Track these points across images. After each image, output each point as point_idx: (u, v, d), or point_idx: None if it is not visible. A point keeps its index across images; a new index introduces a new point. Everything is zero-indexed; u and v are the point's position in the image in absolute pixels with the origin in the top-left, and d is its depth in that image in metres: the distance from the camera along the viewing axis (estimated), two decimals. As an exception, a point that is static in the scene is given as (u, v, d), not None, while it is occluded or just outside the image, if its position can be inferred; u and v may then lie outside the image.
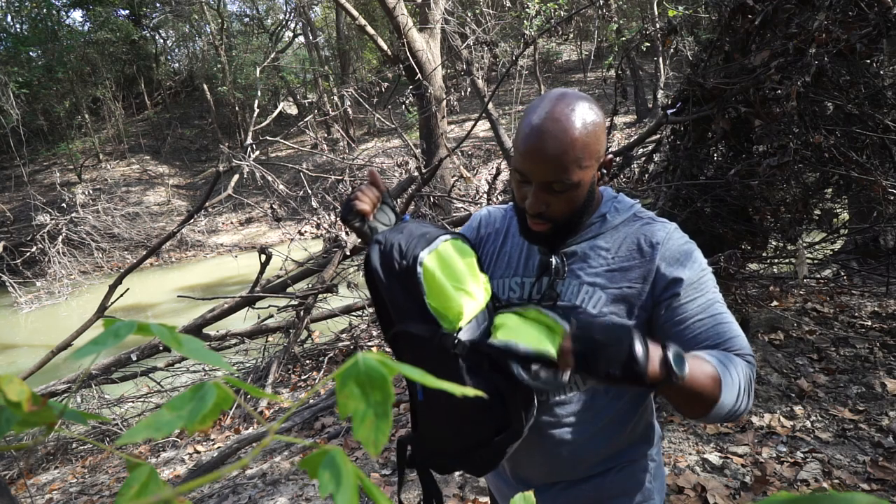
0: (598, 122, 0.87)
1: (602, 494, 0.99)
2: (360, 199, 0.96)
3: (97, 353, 0.33)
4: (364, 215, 0.95)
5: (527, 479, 1.04)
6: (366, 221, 0.95)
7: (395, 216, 1.00)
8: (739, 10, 2.79)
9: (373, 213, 0.97)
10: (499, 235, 1.06)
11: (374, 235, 0.92)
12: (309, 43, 21.87)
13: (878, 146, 2.74)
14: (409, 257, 0.85)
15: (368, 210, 0.95)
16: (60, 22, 18.91)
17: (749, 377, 0.84)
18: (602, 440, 0.97)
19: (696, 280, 0.89)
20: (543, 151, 0.84)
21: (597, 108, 0.88)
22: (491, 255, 1.05)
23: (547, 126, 0.84)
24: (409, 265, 0.85)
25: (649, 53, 15.06)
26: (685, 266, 0.89)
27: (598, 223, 0.95)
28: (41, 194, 15.57)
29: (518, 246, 1.02)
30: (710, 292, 0.90)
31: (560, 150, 0.83)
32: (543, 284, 0.94)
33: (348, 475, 0.27)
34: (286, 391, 4.11)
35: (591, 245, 0.94)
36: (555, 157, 0.83)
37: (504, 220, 1.08)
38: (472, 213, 4.36)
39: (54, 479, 3.58)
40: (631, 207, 0.97)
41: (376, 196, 0.98)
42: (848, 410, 2.48)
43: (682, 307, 0.88)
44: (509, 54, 9.46)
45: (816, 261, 3.91)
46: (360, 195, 0.96)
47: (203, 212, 14.77)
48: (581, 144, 0.84)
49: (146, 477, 0.32)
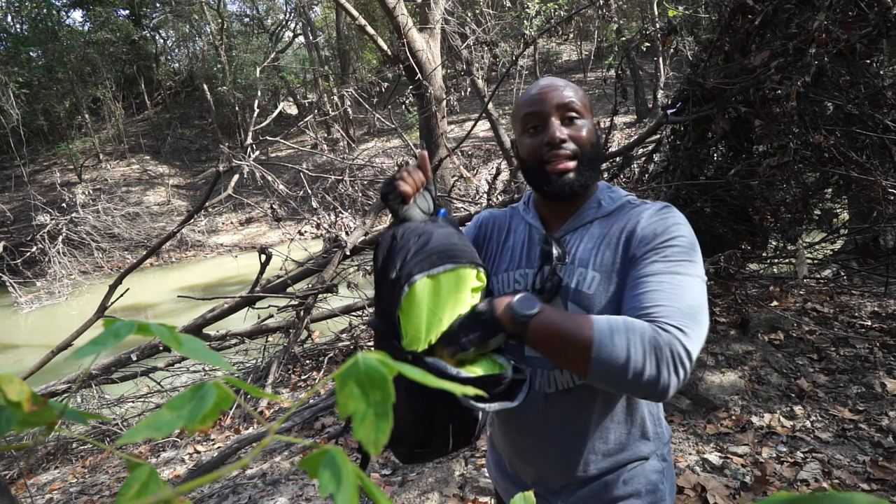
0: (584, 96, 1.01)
1: (613, 494, 0.98)
2: (404, 179, 0.94)
3: (97, 353, 0.33)
4: (405, 197, 0.93)
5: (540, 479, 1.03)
6: (404, 204, 0.94)
7: (433, 205, 0.98)
8: (739, 10, 2.79)
9: (413, 197, 0.95)
10: (501, 232, 1.09)
11: (397, 225, 0.91)
12: (309, 43, 21.87)
13: (878, 146, 2.74)
14: (404, 274, 0.84)
15: (410, 193, 0.94)
16: (60, 22, 18.91)
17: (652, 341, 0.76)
18: (612, 429, 0.96)
19: (662, 244, 0.88)
20: (549, 90, 0.97)
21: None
22: (494, 251, 1.07)
23: (545, 83, 0.99)
24: (397, 280, 0.85)
25: (649, 53, 15.06)
26: (656, 230, 0.90)
27: (594, 208, 0.99)
28: (41, 194, 15.58)
29: (520, 240, 1.04)
30: (676, 263, 0.85)
31: (561, 89, 0.97)
32: (545, 273, 0.96)
33: (348, 475, 0.27)
34: (286, 391, 4.10)
35: (586, 230, 0.98)
36: (561, 92, 0.96)
37: (506, 218, 1.10)
38: (472, 213, 4.36)
39: (54, 478, 3.58)
40: (625, 196, 1.01)
41: (420, 181, 0.96)
42: (848, 410, 2.48)
43: (637, 269, 0.87)
44: (509, 54, 9.46)
45: (816, 261, 3.91)
46: (406, 175, 0.95)
47: (203, 212, 14.77)
48: (576, 92, 0.98)
49: (146, 477, 0.32)
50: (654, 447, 1.00)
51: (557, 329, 0.80)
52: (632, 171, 3.67)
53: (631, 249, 0.91)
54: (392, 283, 0.85)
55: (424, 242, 0.87)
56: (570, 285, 0.94)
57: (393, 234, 0.89)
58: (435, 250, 0.86)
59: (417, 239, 0.87)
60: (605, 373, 0.77)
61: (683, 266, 0.86)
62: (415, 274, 0.83)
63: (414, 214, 0.94)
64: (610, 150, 3.46)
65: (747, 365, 2.87)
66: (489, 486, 2.39)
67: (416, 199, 0.95)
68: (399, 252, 0.86)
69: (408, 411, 0.87)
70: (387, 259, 0.87)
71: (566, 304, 0.94)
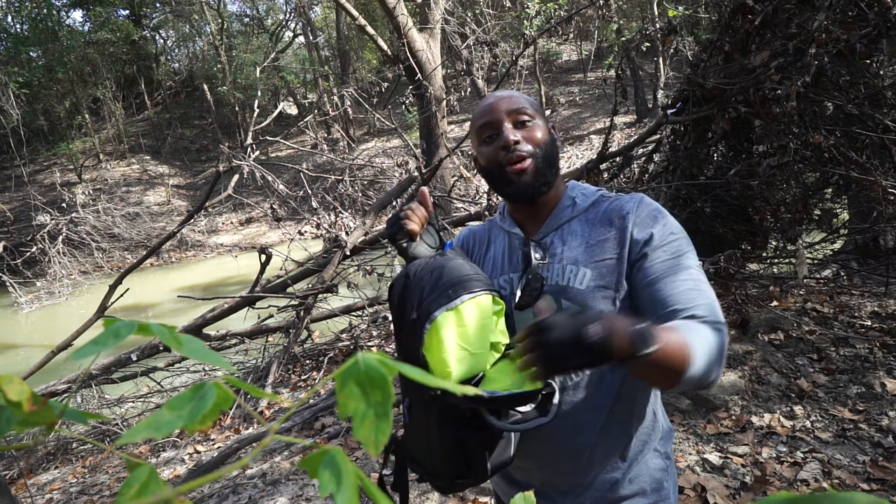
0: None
1: (620, 494, 0.98)
2: (410, 218, 0.96)
3: (97, 354, 0.33)
4: (413, 236, 0.95)
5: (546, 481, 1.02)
6: (412, 242, 0.95)
7: (438, 239, 0.99)
8: (739, 10, 2.79)
9: (420, 234, 0.97)
10: (482, 244, 1.11)
11: (407, 265, 0.91)
12: (309, 43, 21.88)
13: (878, 146, 2.75)
14: (423, 312, 0.84)
15: (417, 230, 0.96)
16: (60, 22, 18.92)
17: (720, 346, 0.81)
18: (614, 425, 0.96)
19: (665, 241, 0.90)
20: (499, 100, 0.99)
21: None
22: (477, 262, 1.08)
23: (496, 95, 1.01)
24: (417, 319, 0.84)
25: (649, 53, 15.06)
26: (653, 227, 0.91)
27: (569, 207, 1.00)
28: (41, 194, 15.58)
29: (501, 247, 1.06)
30: (683, 256, 0.89)
31: (512, 97, 0.99)
32: (529, 275, 0.96)
33: (348, 475, 0.27)
34: (286, 391, 4.10)
35: (567, 229, 0.99)
36: (510, 100, 0.99)
37: (485, 232, 1.12)
38: (472, 213, 4.36)
39: (54, 478, 3.58)
40: (597, 191, 1.02)
41: (424, 216, 0.98)
42: (848, 410, 2.48)
43: (651, 268, 0.89)
44: (509, 54, 9.46)
45: (816, 261, 3.91)
46: (411, 214, 0.96)
47: (203, 212, 14.77)
48: (526, 99, 1.00)
49: (146, 477, 0.32)
50: (657, 443, 1.01)
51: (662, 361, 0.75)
52: (632, 171, 3.67)
53: (629, 247, 0.92)
54: (412, 323, 0.85)
55: (437, 277, 0.87)
56: (562, 283, 0.94)
57: (406, 273, 0.90)
58: (450, 283, 0.86)
59: (430, 275, 0.88)
60: (684, 387, 0.80)
61: (689, 258, 0.90)
62: (434, 311, 0.83)
63: (422, 251, 0.96)
64: (610, 150, 3.46)
65: (747, 365, 2.87)
66: (488, 486, 2.39)
67: (422, 236, 0.97)
68: (414, 291, 0.86)
69: (439, 444, 0.87)
70: (402, 300, 0.88)
71: (560, 302, 0.94)
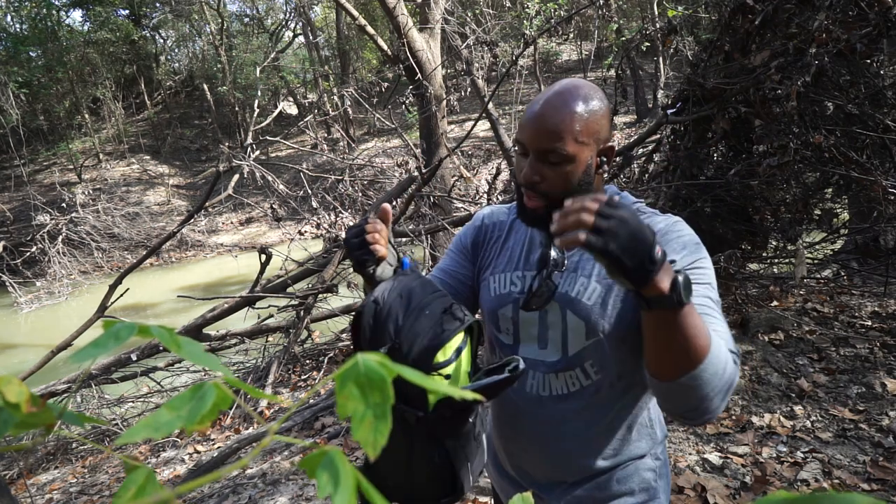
0: (603, 108, 0.89)
1: (607, 493, 0.98)
2: (376, 241, 0.87)
3: (96, 356, 0.33)
4: (381, 259, 0.88)
5: (532, 477, 1.03)
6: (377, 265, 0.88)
7: (395, 255, 0.93)
8: (739, 10, 2.79)
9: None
10: (502, 230, 1.06)
11: (372, 292, 0.85)
12: (309, 43, 21.86)
13: (878, 146, 2.75)
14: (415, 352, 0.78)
15: (385, 252, 0.88)
16: (60, 22, 18.88)
17: (732, 373, 0.77)
18: (605, 436, 0.97)
19: (686, 267, 0.86)
20: (542, 118, 0.87)
21: (605, 97, 0.91)
22: (494, 250, 1.05)
23: (551, 99, 0.88)
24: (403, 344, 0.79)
25: (649, 53, 15.05)
26: (678, 252, 0.87)
27: None
28: (41, 194, 15.58)
29: (521, 241, 1.02)
30: (702, 287, 0.84)
31: (558, 119, 0.86)
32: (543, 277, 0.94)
33: (347, 476, 0.27)
34: (286, 391, 4.10)
35: None
36: (553, 125, 0.86)
37: (507, 216, 1.08)
38: (472, 213, 4.36)
39: (54, 479, 3.58)
40: (633, 203, 0.97)
41: (386, 234, 0.90)
42: (848, 410, 2.48)
43: None
44: (509, 54, 9.46)
45: (816, 261, 3.91)
46: (377, 236, 0.88)
47: (203, 212, 14.77)
48: (580, 119, 0.86)
49: (143, 479, 0.32)
50: (649, 447, 1.00)
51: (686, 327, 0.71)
52: (632, 171, 3.67)
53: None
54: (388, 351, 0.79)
55: (408, 299, 0.83)
56: (571, 294, 0.92)
57: (374, 299, 0.84)
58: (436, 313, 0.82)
59: (399, 297, 0.83)
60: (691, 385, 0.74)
61: (709, 290, 0.85)
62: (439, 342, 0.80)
63: (386, 273, 0.90)
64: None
65: (747, 365, 2.87)
66: (488, 486, 2.39)
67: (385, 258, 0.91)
68: (389, 318, 0.81)
69: (425, 466, 0.84)
70: (375, 328, 0.82)
71: (564, 313, 0.92)
